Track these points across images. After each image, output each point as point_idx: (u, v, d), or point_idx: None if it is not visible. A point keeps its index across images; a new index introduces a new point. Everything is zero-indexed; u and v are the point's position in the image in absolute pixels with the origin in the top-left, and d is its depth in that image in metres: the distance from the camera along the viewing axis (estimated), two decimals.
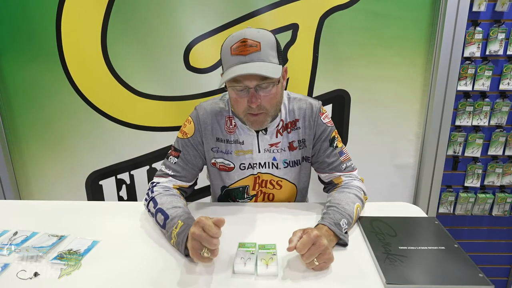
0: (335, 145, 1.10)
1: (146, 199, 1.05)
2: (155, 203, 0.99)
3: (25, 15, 1.53)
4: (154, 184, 1.07)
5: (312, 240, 0.78)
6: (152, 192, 1.04)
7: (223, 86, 1.00)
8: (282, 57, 1.00)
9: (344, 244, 0.90)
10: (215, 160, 1.12)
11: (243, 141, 1.09)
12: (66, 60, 1.58)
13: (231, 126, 1.08)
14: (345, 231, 0.92)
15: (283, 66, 0.98)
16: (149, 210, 1.03)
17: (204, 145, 1.10)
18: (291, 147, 1.10)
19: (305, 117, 1.09)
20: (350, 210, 0.96)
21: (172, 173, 1.08)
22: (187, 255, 0.85)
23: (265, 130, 1.08)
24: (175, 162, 1.09)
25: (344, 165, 1.10)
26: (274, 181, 1.14)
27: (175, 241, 0.88)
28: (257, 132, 1.08)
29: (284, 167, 1.12)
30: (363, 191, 1.07)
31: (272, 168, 1.12)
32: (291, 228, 0.99)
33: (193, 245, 0.79)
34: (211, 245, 0.77)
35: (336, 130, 1.12)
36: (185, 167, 1.09)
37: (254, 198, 1.18)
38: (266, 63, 0.92)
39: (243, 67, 0.91)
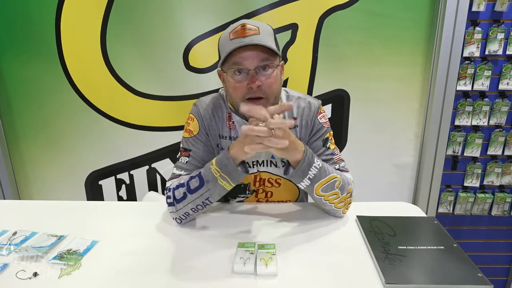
0: (327, 145, 1.08)
1: (170, 204, 0.99)
2: (182, 186, 0.97)
3: (24, 14, 1.52)
4: (168, 188, 1.02)
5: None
6: (170, 191, 1.00)
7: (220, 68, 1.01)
8: (280, 50, 1.00)
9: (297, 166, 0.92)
10: None
11: None
12: (65, 59, 1.58)
13: (230, 123, 1.07)
14: (311, 169, 0.93)
15: (280, 60, 0.99)
16: (181, 210, 0.98)
17: (210, 141, 1.08)
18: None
19: (303, 115, 1.08)
20: (330, 171, 0.97)
21: (185, 173, 1.04)
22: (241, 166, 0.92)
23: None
24: (186, 162, 1.05)
25: (337, 165, 1.07)
26: (272, 179, 1.13)
27: (220, 170, 0.91)
28: None
29: (283, 166, 1.10)
30: (351, 191, 1.03)
31: (271, 166, 1.11)
32: (290, 228, 0.99)
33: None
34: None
35: (331, 132, 1.10)
36: (197, 165, 1.05)
37: (255, 193, 1.17)
38: (266, 44, 0.92)
39: (243, 43, 0.91)
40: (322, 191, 0.97)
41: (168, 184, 1.04)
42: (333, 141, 1.10)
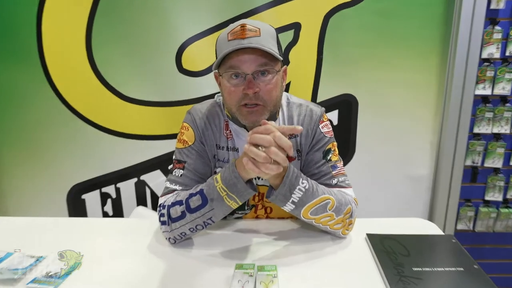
0: (328, 158, 1.07)
1: (164, 223, 0.98)
2: (179, 203, 0.95)
3: (2, 12, 1.53)
4: (161, 205, 1.01)
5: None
6: (164, 208, 0.98)
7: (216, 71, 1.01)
8: (283, 54, 1.00)
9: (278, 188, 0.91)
10: (216, 170, 1.11)
11: (238, 148, 1.08)
12: (46, 61, 1.59)
13: (227, 132, 1.08)
14: (294, 192, 0.92)
15: (282, 64, 0.99)
16: (177, 229, 0.97)
17: (207, 152, 1.08)
18: (289, 157, 1.09)
19: (303, 124, 1.07)
20: (321, 192, 0.95)
21: (180, 188, 1.03)
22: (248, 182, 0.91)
23: None
24: (181, 175, 1.04)
25: (335, 180, 1.04)
26: None
27: (227, 188, 0.90)
28: None
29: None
30: (351, 212, 1.00)
31: None
32: (293, 248, 0.99)
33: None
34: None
35: (334, 143, 1.10)
36: (193, 178, 1.04)
37: (254, 208, 1.17)
38: (266, 48, 0.92)
39: (241, 46, 0.91)
40: (312, 214, 0.96)
41: (161, 200, 1.03)
42: (336, 152, 1.10)
